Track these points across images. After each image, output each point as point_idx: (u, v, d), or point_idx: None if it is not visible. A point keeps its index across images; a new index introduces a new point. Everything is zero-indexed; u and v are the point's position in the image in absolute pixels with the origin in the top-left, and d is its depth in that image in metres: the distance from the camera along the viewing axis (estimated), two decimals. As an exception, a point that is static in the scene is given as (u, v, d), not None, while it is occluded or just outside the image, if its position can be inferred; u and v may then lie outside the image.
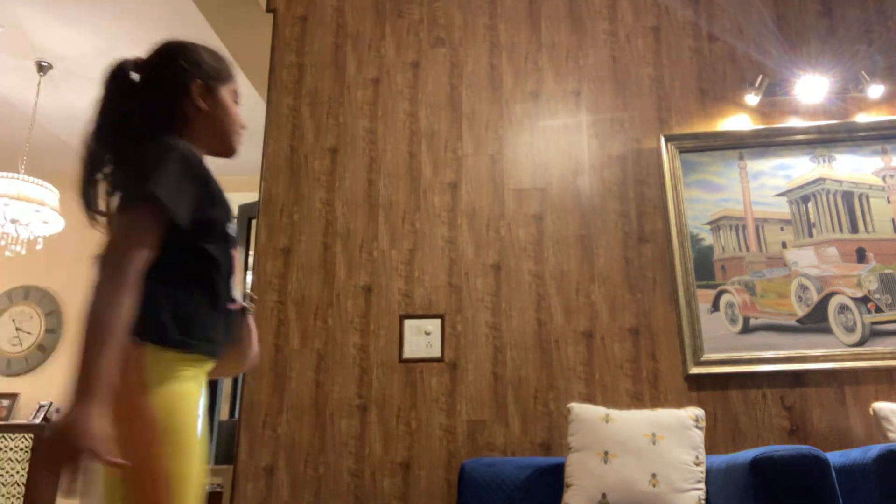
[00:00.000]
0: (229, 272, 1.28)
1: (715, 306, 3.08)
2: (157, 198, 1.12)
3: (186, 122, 1.34)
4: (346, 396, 3.13)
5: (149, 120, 1.31)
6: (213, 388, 7.64)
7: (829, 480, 2.06)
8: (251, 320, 1.39)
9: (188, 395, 1.15)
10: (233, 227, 1.31)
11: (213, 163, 1.31)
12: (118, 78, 1.34)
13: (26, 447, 5.02)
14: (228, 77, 1.42)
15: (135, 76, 1.35)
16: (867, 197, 3.17)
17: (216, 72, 1.39)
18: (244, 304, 1.37)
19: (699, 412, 2.69)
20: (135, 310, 1.08)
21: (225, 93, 1.39)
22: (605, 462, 2.55)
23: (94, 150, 1.30)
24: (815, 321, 3.02)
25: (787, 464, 2.08)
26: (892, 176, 3.19)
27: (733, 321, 3.05)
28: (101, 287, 1.05)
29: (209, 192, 1.24)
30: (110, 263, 1.07)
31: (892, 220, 3.13)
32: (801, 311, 3.04)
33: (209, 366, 1.25)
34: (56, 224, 4.54)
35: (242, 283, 1.36)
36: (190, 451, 1.13)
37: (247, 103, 4.87)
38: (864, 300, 3.02)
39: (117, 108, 1.31)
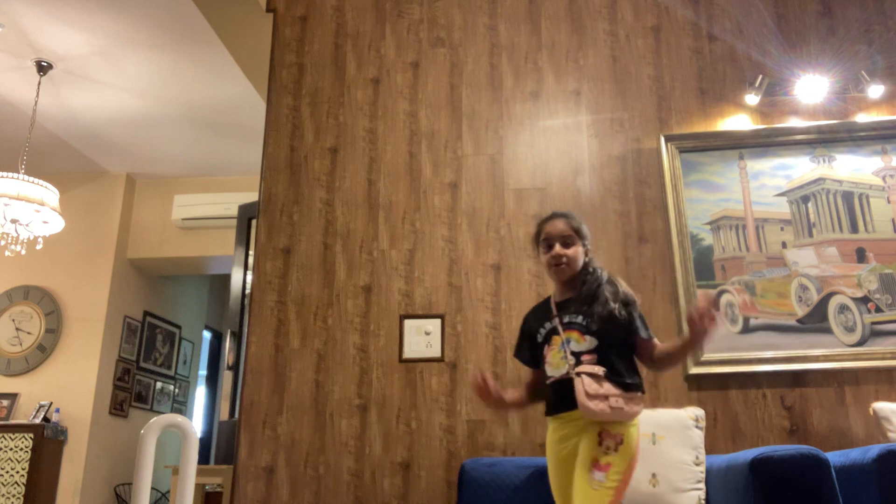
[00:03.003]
0: (539, 362, 2.19)
1: (715, 306, 3.07)
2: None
3: None
4: (346, 396, 3.13)
5: None
6: (213, 388, 7.67)
7: (829, 480, 2.06)
8: (578, 383, 1.99)
9: (548, 441, 2.15)
10: (541, 333, 2.18)
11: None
12: None
13: (26, 447, 5.01)
14: (537, 237, 2.24)
15: None
16: (867, 197, 3.17)
17: (534, 238, 2.27)
18: (559, 376, 2.08)
19: (699, 412, 2.69)
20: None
21: (539, 248, 2.23)
22: (605, 462, 2.54)
23: None
24: (815, 321, 3.02)
25: (787, 464, 2.08)
26: (892, 176, 3.19)
27: (733, 321, 3.05)
28: None
29: (524, 329, 2.32)
30: None
31: (892, 220, 3.13)
32: (801, 311, 3.04)
33: (555, 422, 2.13)
34: (56, 224, 4.54)
35: (564, 361, 2.12)
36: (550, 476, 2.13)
37: (247, 103, 4.90)
38: (864, 300, 3.02)
39: None
